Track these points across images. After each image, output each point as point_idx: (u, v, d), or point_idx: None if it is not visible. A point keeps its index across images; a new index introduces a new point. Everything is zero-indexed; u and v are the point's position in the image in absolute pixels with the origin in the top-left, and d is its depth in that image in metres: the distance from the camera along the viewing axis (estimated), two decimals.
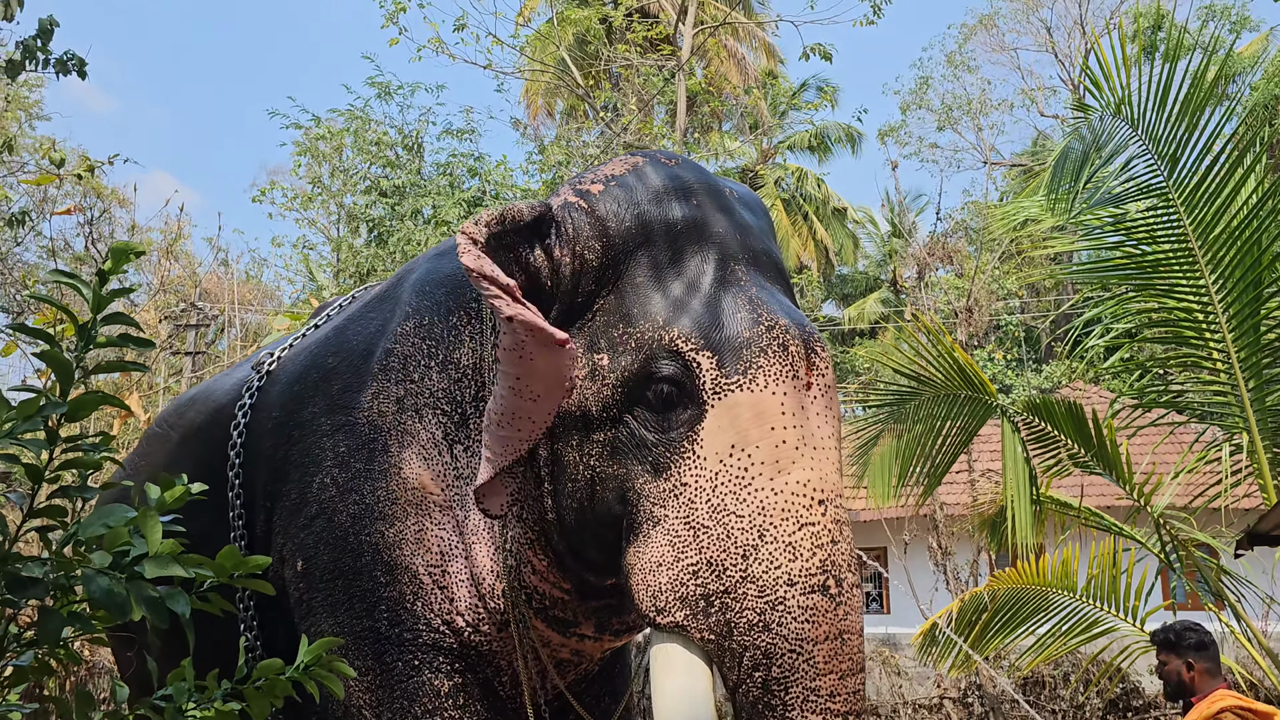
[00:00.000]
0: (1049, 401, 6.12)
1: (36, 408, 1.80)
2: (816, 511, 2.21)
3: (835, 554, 2.20)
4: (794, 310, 2.46)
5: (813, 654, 2.13)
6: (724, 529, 2.21)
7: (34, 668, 2.04)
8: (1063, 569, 5.60)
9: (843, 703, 2.13)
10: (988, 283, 16.58)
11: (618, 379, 2.37)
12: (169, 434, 3.53)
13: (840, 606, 2.17)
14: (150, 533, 1.80)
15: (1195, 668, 3.69)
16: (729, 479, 2.24)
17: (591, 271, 2.43)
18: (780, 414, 2.26)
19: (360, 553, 2.72)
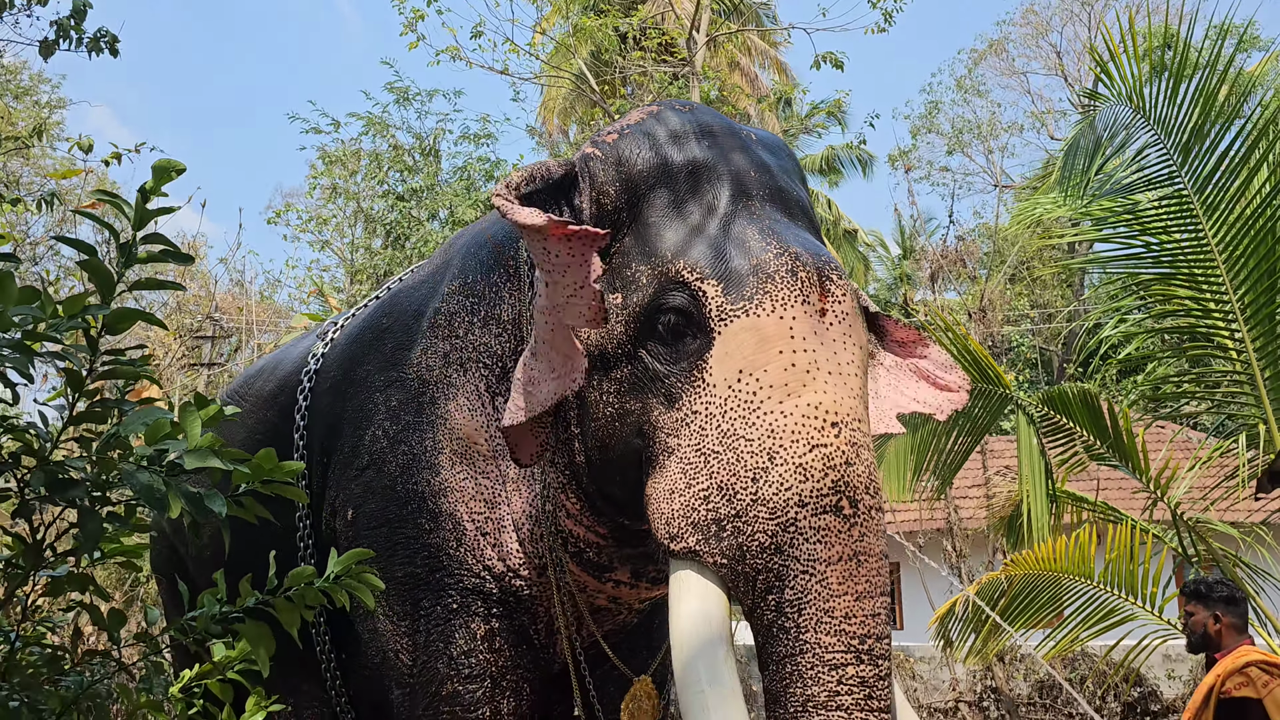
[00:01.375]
0: (1064, 393, 6.13)
1: (81, 306, 1.84)
2: (829, 433, 2.18)
3: (850, 475, 2.16)
4: (810, 241, 2.44)
5: (826, 575, 2.10)
6: (734, 453, 2.21)
7: (71, 577, 2.07)
8: (1080, 554, 5.58)
9: (859, 624, 2.08)
10: (999, 300, 16.59)
11: (630, 315, 2.42)
12: (238, 405, 3.60)
13: (855, 528, 2.13)
14: (190, 427, 1.84)
15: (1223, 621, 3.67)
16: (738, 404, 2.24)
17: (609, 215, 2.50)
18: (789, 338, 2.25)
19: (406, 501, 2.83)
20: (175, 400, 14.71)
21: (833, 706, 2.04)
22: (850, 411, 2.23)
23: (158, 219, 2.08)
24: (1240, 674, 3.50)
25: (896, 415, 2.80)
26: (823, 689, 2.05)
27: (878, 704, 2.06)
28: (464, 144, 13.16)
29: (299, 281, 17.30)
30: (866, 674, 2.05)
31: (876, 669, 2.07)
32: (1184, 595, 3.83)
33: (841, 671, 2.05)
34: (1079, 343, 19.00)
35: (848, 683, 2.05)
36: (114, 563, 2.33)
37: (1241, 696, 3.47)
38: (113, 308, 1.92)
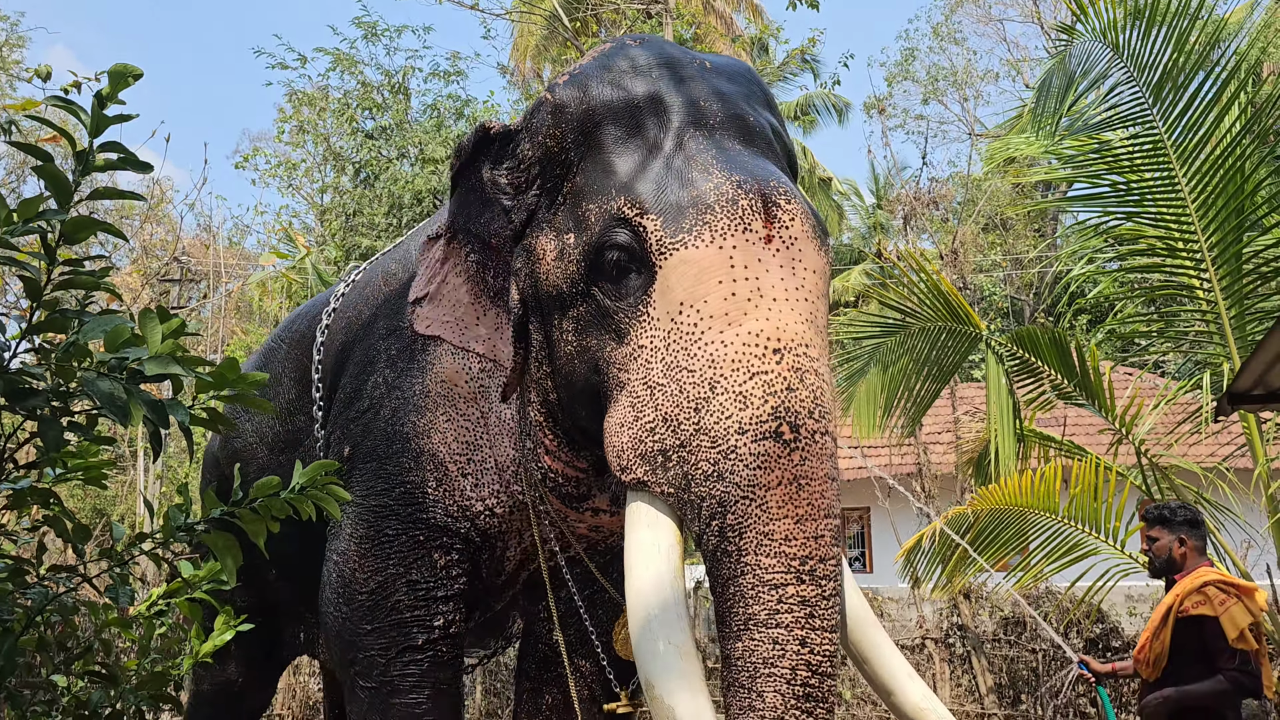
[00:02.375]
0: (1033, 333, 6.18)
1: (37, 209, 1.80)
2: (770, 360, 2.20)
3: (791, 400, 2.18)
4: (762, 166, 2.43)
5: (765, 499, 2.12)
6: (677, 385, 2.25)
7: (33, 491, 2.06)
8: (1045, 489, 5.65)
9: (799, 546, 2.10)
10: (972, 246, 16.64)
11: (580, 254, 2.47)
12: (279, 346, 3.80)
13: (795, 452, 2.14)
14: (150, 334, 1.82)
15: (1186, 544, 3.74)
16: (680, 336, 2.27)
17: (556, 159, 2.55)
18: (729, 267, 2.26)
19: (393, 440, 3.00)
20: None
21: (773, 624, 2.07)
22: (796, 337, 2.24)
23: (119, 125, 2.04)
24: (1198, 593, 3.58)
25: None
26: (763, 608, 2.08)
27: (820, 622, 2.07)
28: (434, 81, 13.05)
29: (268, 227, 17.12)
30: (808, 594, 2.07)
31: (819, 589, 2.08)
32: (1146, 521, 3.90)
33: (781, 591, 2.07)
34: (1047, 285, 19.10)
35: (787, 601, 2.07)
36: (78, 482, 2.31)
37: (1199, 614, 3.55)
38: (70, 216, 1.89)
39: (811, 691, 2.06)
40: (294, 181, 14.46)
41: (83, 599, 2.36)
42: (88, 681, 2.39)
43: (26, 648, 2.20)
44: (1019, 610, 8.95)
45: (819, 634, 2.07)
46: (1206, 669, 3.54)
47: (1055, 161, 6.08)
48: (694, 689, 2.14)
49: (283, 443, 3.57)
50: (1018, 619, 9.00)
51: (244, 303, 17.73)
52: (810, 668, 2.06)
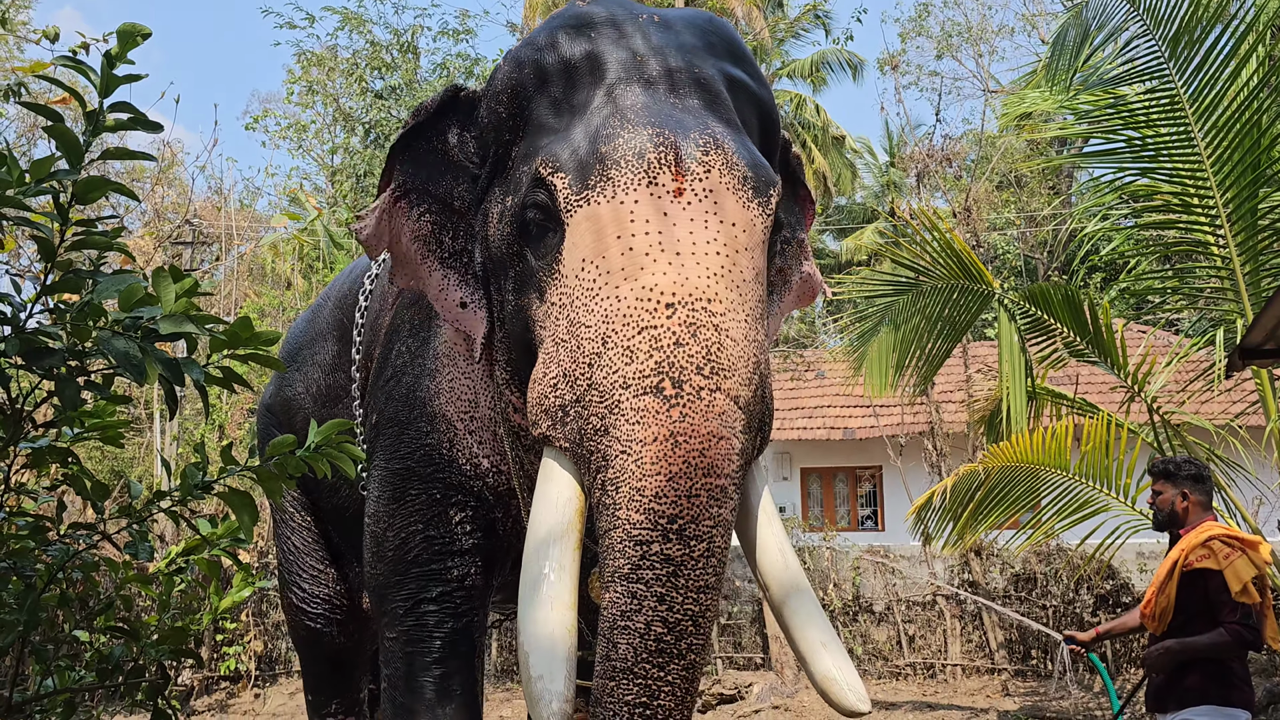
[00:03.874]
0: (1046, 290, 6.15)
1: (49, 169, 1.81)
2: (660, 315, 2.15)
3: (677, 356, 2.13)
4: (687, 118, 2.36)
5: (640, 455, 2.09)
6: (576, 341, 2.25)
7: (51, 450, 2.08)
8: (1056, 446, 5.66)
9: (669, 504, 2.07)
10: (985, 203, 16.52)
11: (511, 216, 2.50)
12: (326, 302, 3.89)
13: (675, 408, 2.10)
14: (164, 293, 1.83)
15: (1190, 498, 3.74)
16: (582, 292, 2.26)
17: (505, 124, 2.58)
18: (630, 221, 2.23)
19: (413, 405, 3.08)
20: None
21: (633, 579, 2.07)
22: (695, 291, 2.18)
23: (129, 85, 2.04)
24: (1203, 547, 3.58)
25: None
26: (627, 562, 2.08)
27: (685, 582, 2.06)
28: (443, 40, 12.97)
29: (279, 189, 17.11)
30: (673, 552, 2.06)
31: (687, 549, 2.06)
32: (1152, 474, 3.89)
33: (646, 548, 2.06)
34: (1060, 243, 18.96)
35: (650, 558, 2.06)
36: (95, 445, 2.34)
37: (1203, 568, 3.56)
38: (82, 176, 1.90)
39: (666, 648, 2.07)
40: (304, 143, 14.43)
41: (102, 556, 2.39)
42: (109, 637, 2.43)
43: (49, 604, 2.24)
44: (1029, 567, 9.00)
45: (682, 593, 2.06)
46: (1211, 622, 3.56)
47: (1070, 117, 6.02)
48: (556, 648, 2.13)
49: (325, 397, 3.68)
50: (1028, 575, 9.05)
51: (256, 265, 17.76)
52: (667, 625, 2.06)
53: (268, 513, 9.93)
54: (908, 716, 8.20)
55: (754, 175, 2.34)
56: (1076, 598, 8.78)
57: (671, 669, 2.08)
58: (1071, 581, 8.75)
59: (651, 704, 2.10)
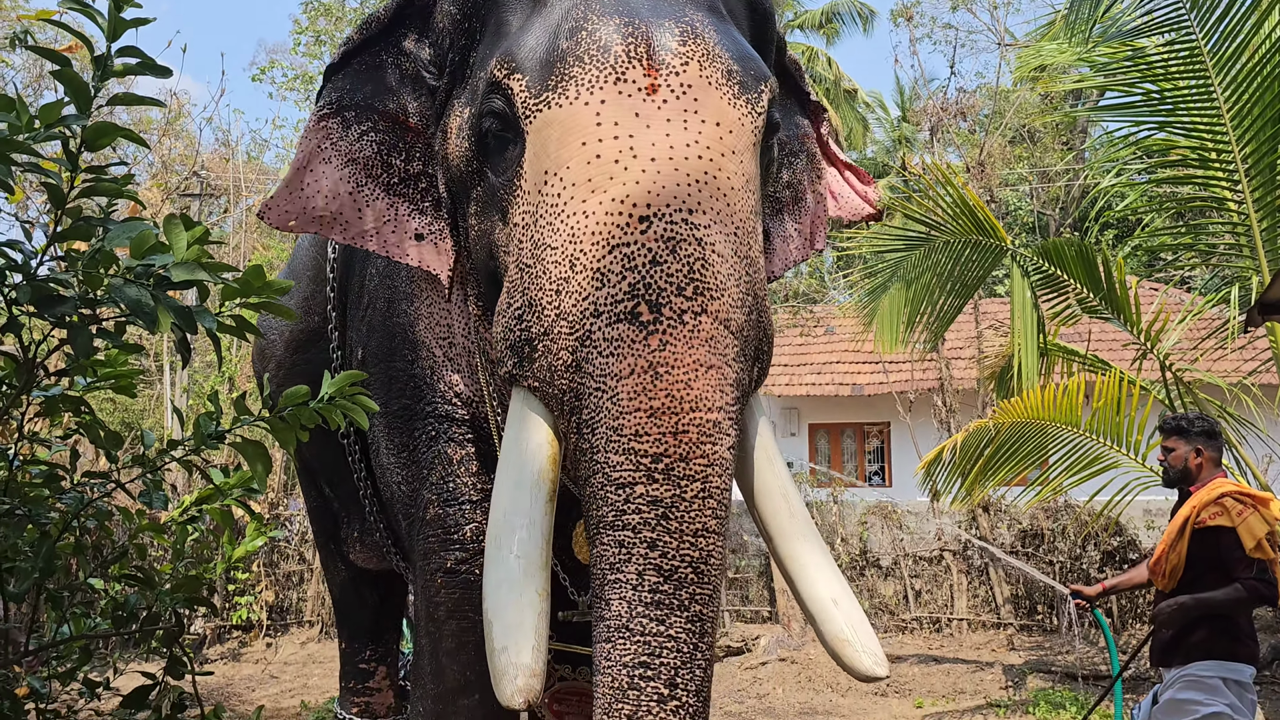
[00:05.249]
0: (1059, 246, 6.10)
1: (58, 114, 1.79)
2: (634, 230, 1.91)
3: (654, 275, 1.89)
4: (658, 5, 2.09)
5: (616, 390, 1.88)
6: (541, 265, 2.01)
7: (64, 398, 2.08)
8: (1067, 403, 5.64)
9: (652, 443, 1.85)
10: (999, 157, 16.36)
11: (468, 128, 2.26)
12: (302, 241, 3.70)
13: (653, 336, 1.87)
14: (175, 240, 1.82)
15: (1202, 454, 3.73)
16: (545, 209, 2.02)
17: (462, 27, 2.35)
18: (595, 125, 1.98)
19: (393, 334, 2.85)
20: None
21: (619, 526, 1.87)
22: (673, 201, 1.93)
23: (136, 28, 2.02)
24: (1215, 504, 3.58)
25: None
26: (610, 509, 1.88)
27: (678, 525, 1.85)
28: None
29: (286, 141, 17.01)
30: (660, 494, 1.85)
31: (677, 489, 1.85)
32: (1163, 431, 3.88)
33: (629, 490, 1.86)
34: (1073, 200, 18.82)
35: (635, 502, 1.85)
36: (107, 397, 2.35)
37: (1216, 525, 3.56)
38: (91, 122, 1.88)
39: (664, 599, 1.84)
40: (311, 95, 14.34)
41: (116, 505, 2.41)
42: (124, 584, 2.45)
43: (64, 552, 2.25)
44: (1037, 523, 9.02)
45: (675, 537, 1.85)
46: (1222, 579, 3.56)
47: (1087, 70, 5.94)
48: (523, 617, 1.92)
49: (297, 342, 3.50)
50: (1035, 532, 9.08)
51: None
52: (662, 573, 1.84)
53: (280, 464, 10.00)
54: (913, 669, 8.27)
55: (740, 68, 2.08)
56: (1083, 554, 8.81)
57: (673, 622, 1.85)
58: (1079, 538, 8.78)
59: (654, 662, 1.85)
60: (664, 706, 1.84)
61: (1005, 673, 7.95)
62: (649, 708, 1.85)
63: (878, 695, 7.67)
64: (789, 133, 2.65)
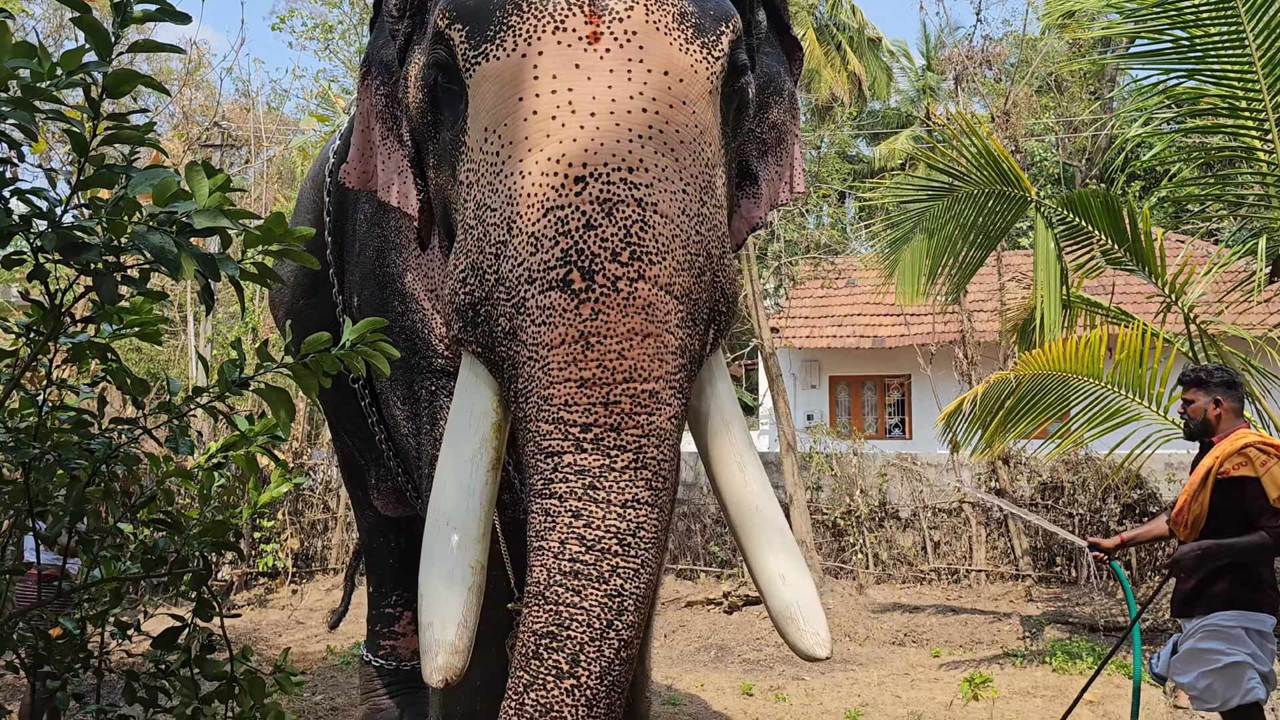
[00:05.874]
0: (1084, 196, 6.03)
1: (79, 61, 1.79)
2: (569, 191, 1.83)
3: (587, 240, 1.82)
4: None
5: (547, 360, 1.83)
6: (483, 227, 1.95)
7: (91, 345, 2.11)
8: (1089, 355, 5.61)
9: (581, 413, 1.80)
10: (1025, 106, 16.13)
11: (420, 79, 2.21)
12: (304, 187, 3.73)
13: (585, 305, 1.80)
14: (197, 188, 1.83)
15: (1223, 405, 3.71)
16: (486, 168, 1.95)
17: None
18: (533, 79, 1.90)
19: (383, 285, 2.84)
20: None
21: (546, 494, 1.83)
22: (611, 159, 1.84)
23: None
24: (1239, 455, 3.56)
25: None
26: (540, 477, 1.84)
27: (604, 495, 1.80)
28: None
29: (306, 91, 16.95)
30: (589, 464, 1.80)
31: (606, 459, 1.80)
32: (1183, 384, 3.85)
33: (557, 460, 1.82)
34: (1099, 150, 18.56)
35: (563, 471, 1.81)
36: (132, 347, 2.38)
37: (1240, 476, 3.54)
38: (112, 69, 1.88)
39: (582, 569, 1.78)
40: (331, 44, 14.26)
41: (144, 451, 2.44)
42: (152, 529, 2.49)
43: (94, 497, 2.29)
44: (1057, 476, 9.01)
45: (601, 507, 1.79)
46: (1245, 530, 3.55)
47: (1116, 16, 5.82)
48: (452, 592, 1.89)
49: (305, 287, 3.50)
50: (1055, 484, 9.07)
51: (286, 169, 17.73)
52: (584, 542, 1.78)
53: (303, 413, 10.10)
54: (931, 619, 8.32)
55: (696, 9, 1.97)
56: (1103, 506, 8.81)
57: (591, 595, 1.77)
58: (1099, 490, 8.77)
59: (560, 634, 1.78)
60: (559, 683, 1.77)
61: (1023, 623, 7.99)
62: (544, 681, 1.78)
63: (894, 645, 7.73)
64: (772, 68, 2.56)
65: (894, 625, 8.20)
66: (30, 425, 2.13)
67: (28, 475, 2.09)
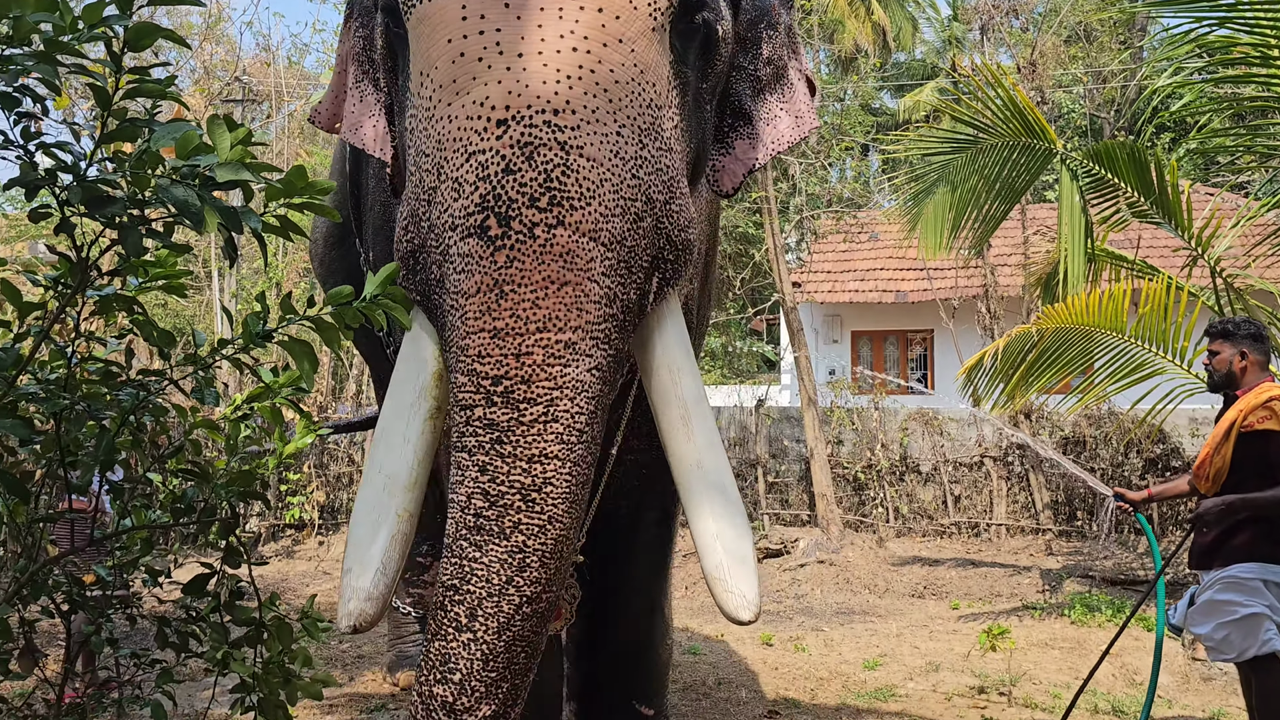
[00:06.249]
0: (1110, 148, 5.95)
1: (100, 14, 1.81)
2: (490, 135, 1.80)
3: (505, 186, 1.78)
4: None
5: (465, 309, 1.81)
6: (419, 173, 1.95)
7: (118, 297, 2.14)
8: (1113, 308, 5.57)
9: (493, 365, 1.78)
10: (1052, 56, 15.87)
11: (379, 24, 2.19)
12: (340, 143, 3.70)
13: (500, 252, 1.78)
14: (219, 141, 1.85)
15: (1248, 358, 3.67)
16: (421, 113, 1.94)
17: None
18: (461, 20, 1.86)
19: (390, 239, 2.86)
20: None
21: (458, 447, 1.82)
22: (535, 101, 1.80)
23: None
24: (1264, 408, 3.53)
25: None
26: (456, 429, 1.83)
27: (511, 449, 1.77)
28: None
29: (327, 45, 16.88)
30: (498, 417, 1.78)
31: (515, 413, 1.77)
32: (1209, 335, 3.82)
33: (470, 413, 1.81)
34: (1127, 101, 18.26)
35: (474, 424, 1.80)
36: (157, 298, 2.41)
37: (1264, 429, 3.51)
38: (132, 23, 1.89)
39: (484, 524, 1.78)
40: None
41: (172, 403, 2.49)
42: (181, 479, 2.54)
43: (123, 447, 2.34)
44: (1079, 430, 8.99)
45: (507, 461, 1.77)
46: (1267, 483, 3.53)
47: None
48: (375, 539, 1.89)
49: (334, 238, 3.57)
50: (1077, 438, 9.05)
51: (307, 124, 17.71)
52: (488, 497, 1.78)
53: (327, 368, 10.18)
54: (951, 572, 8.37)
55: None
56: (1125, 461, 8.79)
57: (491, 551, 1.77)
58: (1121, 445, 8.74)
59: (461, 588, 1.78)
60: (459, 636, 1.77)
61: (1042, 577, 8.02)
62: (445, 633, 1.79)
63: (914, 597, 7.79)
64: (764, 1, 2.51)
65: (913, 578, 8.25)
66: (60, 377, 2.17)
67: (59, 426, 2.14)
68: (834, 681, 5.17)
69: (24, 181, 1.88)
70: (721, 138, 2.48)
